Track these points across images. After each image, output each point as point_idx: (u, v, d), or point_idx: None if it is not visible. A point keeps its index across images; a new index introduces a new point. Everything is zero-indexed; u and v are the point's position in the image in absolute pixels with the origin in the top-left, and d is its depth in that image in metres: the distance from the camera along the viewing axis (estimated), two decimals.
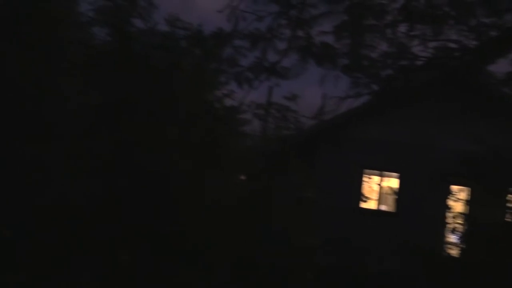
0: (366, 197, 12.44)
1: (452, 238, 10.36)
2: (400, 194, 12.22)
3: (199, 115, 10.18)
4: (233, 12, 9.84)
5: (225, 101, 11.53)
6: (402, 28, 9.12)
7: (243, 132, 12.57)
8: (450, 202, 10.91)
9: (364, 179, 12.57)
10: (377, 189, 12.59)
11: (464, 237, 9.91)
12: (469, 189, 11.26)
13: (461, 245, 10.00)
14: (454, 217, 10.10)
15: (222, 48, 10.83)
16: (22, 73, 6.54)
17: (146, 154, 8.92)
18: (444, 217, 11.09)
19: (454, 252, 10.51)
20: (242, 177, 12.58)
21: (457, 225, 9.98)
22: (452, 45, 8.97)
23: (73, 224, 7.82)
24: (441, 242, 10.95)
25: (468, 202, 10.86)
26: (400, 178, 12.30)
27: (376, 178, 12.66)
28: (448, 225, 10.83)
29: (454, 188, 11.27)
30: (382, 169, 12.50)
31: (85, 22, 8.32)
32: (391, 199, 12.58)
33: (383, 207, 12.67)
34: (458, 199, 10.83)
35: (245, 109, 12.16)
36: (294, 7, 9.44)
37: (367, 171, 12.58)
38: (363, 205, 12.50)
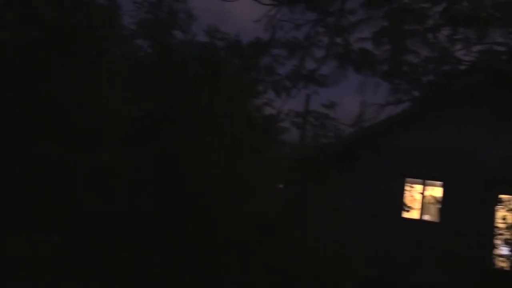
0: (408, 207, 12.09)
1: (503, 250, 9.89)
2: (444, 203, 11.80)
3: (238, 124, 10.25)
4: (270, 22, 9.88)
5: (263, 110, 11.58)
6: (445, 32, 8.89)
7: (282, 141, 12.55)
8: (500, 212, 10.44)
9: (406, 187, 12.23)
10: (420, 198, 12.22)
11: None
12: None
13: None
14: (506, 228, 9.65)
15: (260, 58, 10.88)
16: (69, 86, 6.81)
17: (188, 163, 9.05)
18: (493, 228, 10.62)
19: (505, 264, 10.02)
20: (281, 186, 12.53)
21: (508, 236, 9.53)
22: (499, 47, 8.65)
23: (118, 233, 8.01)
24: (490, 254, 10.48)
25: None
26: (443, 186, 11.88)
27: (418, 187, 12.29)
28: (498, 236, 10.37)
29: (504, 197, 10.78)
30: (424, 177, 12.11)
31: (128, 35, 8.57)
32: (434, 209, 12.17)
33: (426, 217, 12.27)
34: (509, 209, 10.34)
35: (283, 117, 12.17)
36: (331, 14, 9.38)
37: (408, 179, 12.24)
38: (405, 214, 12.16)
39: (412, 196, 12.26)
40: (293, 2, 9.43)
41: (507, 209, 10.39)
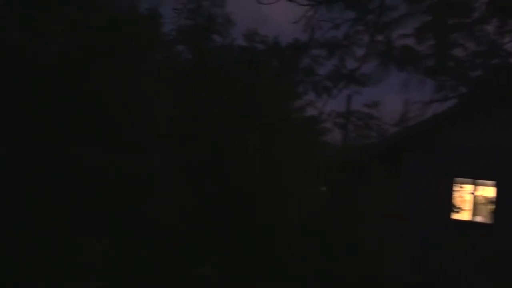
0: (458, 208, 11.59)
1: None
2: (498, 203, 11.23)
3: (279, 126, 10.23)
4: (309, 22, 9.79)
5: (304, 112, 11.50)
6: (492, 24, 8.47)
7: (324, 142, 12.41)
8: None
9: (455, 188, 11.73)
10: (470, 198, 11.69)
11: None
12: None
13: None
14: None
15: (299, 59, 10.81)
16: (115, 91, 7.06)
17: (230, 166, 9.13)
18: None
19: None
20: (324, 188, 12.38)
21: None
22: None
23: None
24: None
25: None
26: (497, 186, 11.31)
27: (468, 187, 11.76)
28: None
29: None
30: (475, 176, 11.57)
31: (169, 41, 8.78)
32: (486, 210, 11.61)
33: (478, 218, 11.72)
34: None
35: (325, 118, 12.03)
36: (371, 11, 9.16)
37: (457, 179, 11.74)
38: (455, 216, 11.67)
39: (461, 196, 11.75)
40: (331, 2, 9.29)
41: None
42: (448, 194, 11.60)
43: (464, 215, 11.64)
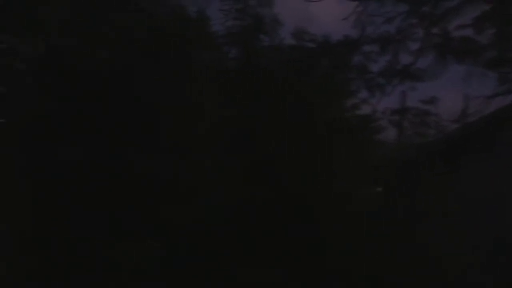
0: None
1: None
2: None
3: (331, 126, 10.04)
4: (359, 18, 9.55)
5: (357, 110, 11.19)
6: None
7: (379, 141, 12.02)
8: None
9: None
10: None
11: None
12: None
13: None
14: None
15: (350, 56, 10.55)
16: (162, 92, 7.21)
17: (281, 167, 9.05)
18: None
19: None
20: (379, 189, 11.98)
21: None
22: None
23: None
24: None
25: None
26: None
27: None
28: None
29: None
30: None
31: (216, 42, 8.87)
32: None
33: None
34: None
35: (378, 116, 11.66)
36: (425, 3, 8.77)
37: None
38: None
39: None
40: None
41: None
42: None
43: None
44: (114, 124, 7.13)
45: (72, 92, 6.99)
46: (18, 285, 7.09)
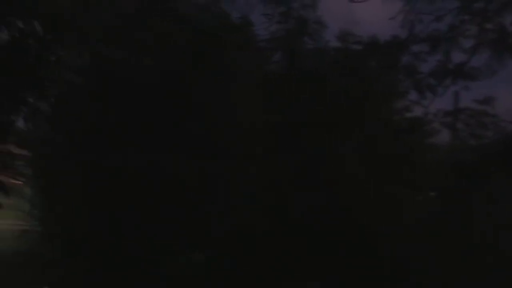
0: None
1: None
2: None
3: (380, 128, 9.73)
4: (407, 17, 9.25)
5: (407, 113, 10.80)
6: None
7: (431, 144, 11.54)
8: None
9: None
10: None
11: None
12: None
13: None
14: None
15: (399, 57, 10.21)
16: (204, 96, 7.23)
17: (329, 172, 8.84)
18: None
19: None
20: (433, 194, 11.49)
21: None
22: None
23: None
24: None
25: None
26: None
27: None
28: None
29: None
30: None
31: (260, 46, 8.83)
32: None
33: None
34: None
35: (431, 118, 11.19)
36: None
37: None
38: None
39: None
40: None
41: None
42: None
43: None
44: (163, 131, 7.20)
45: (121, 100, 7.15)
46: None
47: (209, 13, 7.89)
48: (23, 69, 7.22)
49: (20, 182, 10.27)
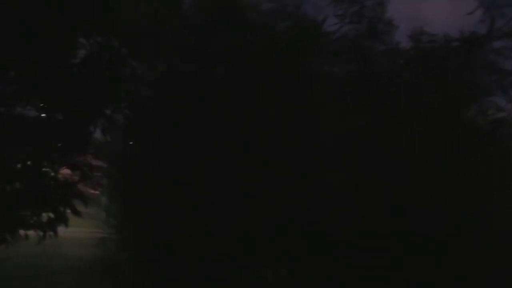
0: None
1: None
2: None
3: (463, 132, 9.09)
4: (487, 11, 8.68)
5: (490, 115, 10.05)
6: None
7: None
8: None
9: None
10: None
11: None
12: None
13: None
14: None
15: (478, 55, 9.56)
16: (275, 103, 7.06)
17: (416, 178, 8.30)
18: None
19: None
20: None
21: None
22: None
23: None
24: None
25: None
26: None
27: None
28: None
29: None
30: None
31: (330, 50, 8.59)
32: None
33: None
34: None
35: None
36: None
37: None
38: None
39: None
40: None
41: None
42: None
43: None
44: (243, 143, 7.06)
45: (195, 112, 7.16)
46: None
47: (283, 19, 7.79)
48: (100, 82, 7.49)
49: (97, 192, 10.72)
